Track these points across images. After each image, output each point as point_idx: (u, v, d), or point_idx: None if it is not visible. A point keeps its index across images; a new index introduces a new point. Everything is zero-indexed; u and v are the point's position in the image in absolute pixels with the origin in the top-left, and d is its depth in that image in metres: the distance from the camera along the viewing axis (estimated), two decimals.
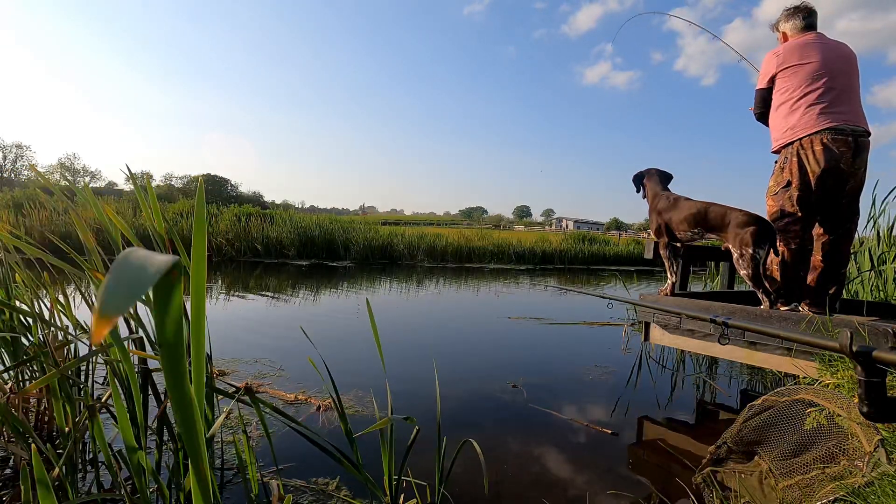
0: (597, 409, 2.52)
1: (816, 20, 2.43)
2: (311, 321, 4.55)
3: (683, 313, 2.24)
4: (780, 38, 2.52)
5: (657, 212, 2.70)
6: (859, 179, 2.28)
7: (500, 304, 6.23)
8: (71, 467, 1.21)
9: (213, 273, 8.31)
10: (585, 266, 14.30)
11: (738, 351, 2.28)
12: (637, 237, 24.04)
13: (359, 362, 3.12)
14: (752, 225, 2.24)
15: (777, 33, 2.54)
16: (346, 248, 12.15)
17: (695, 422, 2.46)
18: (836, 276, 2.39)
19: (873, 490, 1.12)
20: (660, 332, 2.65)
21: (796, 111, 2.29)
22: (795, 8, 2.44)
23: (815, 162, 2.23)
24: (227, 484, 1.57)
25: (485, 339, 4.21)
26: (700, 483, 1.59)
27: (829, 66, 2.26)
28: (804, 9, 2.42)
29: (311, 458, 1.74)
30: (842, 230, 2.36)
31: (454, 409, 2.37)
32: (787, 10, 2.47)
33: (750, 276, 2.24)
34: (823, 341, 0.99)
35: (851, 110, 2.24)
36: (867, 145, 2.26)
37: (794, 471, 1.34)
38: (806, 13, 2.42)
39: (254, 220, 12.15)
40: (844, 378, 1.64)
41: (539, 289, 8.48)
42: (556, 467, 1.84)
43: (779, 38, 2.53)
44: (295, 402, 2.33)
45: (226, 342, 3.36)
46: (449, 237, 13.61)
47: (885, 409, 0.84)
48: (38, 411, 1.64)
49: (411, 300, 6.18)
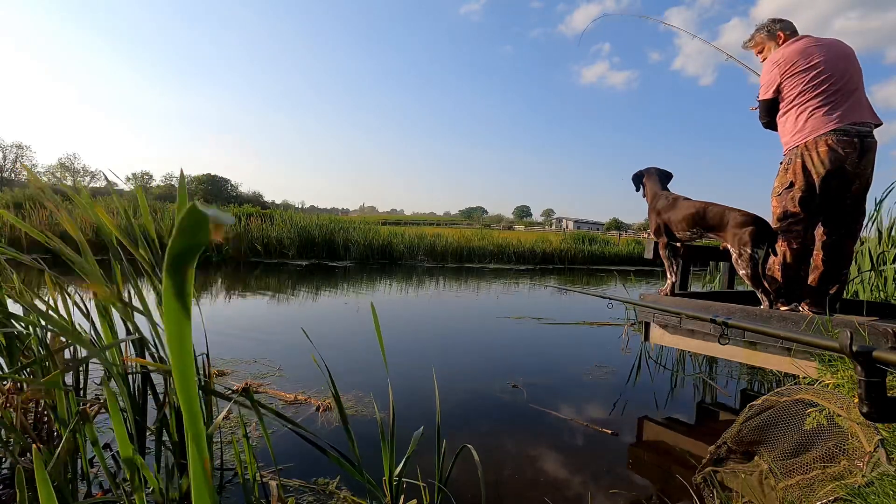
0: (597, 409, 2.52)
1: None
2: (311, 321, 4.55)
3: (683, 313, 2.24)
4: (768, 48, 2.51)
5: (656, 211, 2.70)
6: (865, 180, 2.28)
7: (500, 303, 6.23)
8: (66, 469, 1.21)
9: (212, 273, 8.31)
10: (585, 266, 14.31)
11: (738, 351, 2.28)
12: (637, 237, 24.04)
13: (358, 362, 3.12)
14: (751, 225, 2.24)
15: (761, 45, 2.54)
16: (346, 248, 12.15)
17: (695, 422, 2.46)
18: (838, 276, 2.39)
19: (873, 490, 1.11)
20: (660, 332, 2.65)
21: (803, 114, 2.29)
22: (773, 20, 2.50)
23: (820, 163, 2.23)
24: (226, 484, 1.57)
25: (485, 338, 4.21)
26: (700, 483, 1.59)
27: (831, 65, 2.26)
28: (781, 20, 2.49)
29: (311, 458, 1.74)
30: (845, 230, 2.36)
31: (454, 408, 2.37)
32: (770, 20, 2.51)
33: (749, 276, 2.24)
34: (823, 341, 0.99)
35: (857, 109, 2.24)
36: (873, 145, 2.26)
37: (795, 471, 1.34)
38: (787, 23, 2.48)
39: (254, 220, 12.15)
40: (844, 378, 1.64)
41: (539, 289, 8.48)
42: (556, 467, 1.84)
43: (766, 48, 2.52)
44: (295, 402, 2.33)
45: (225, 342, 3.36)
46: (449, 237, 13.62)
47: (885, 409, 0.84)
48: (37, 412, 1.64)
49: (411, 300, 6.18)
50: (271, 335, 3.79)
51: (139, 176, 58.37)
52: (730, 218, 2.32)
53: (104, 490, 1.45)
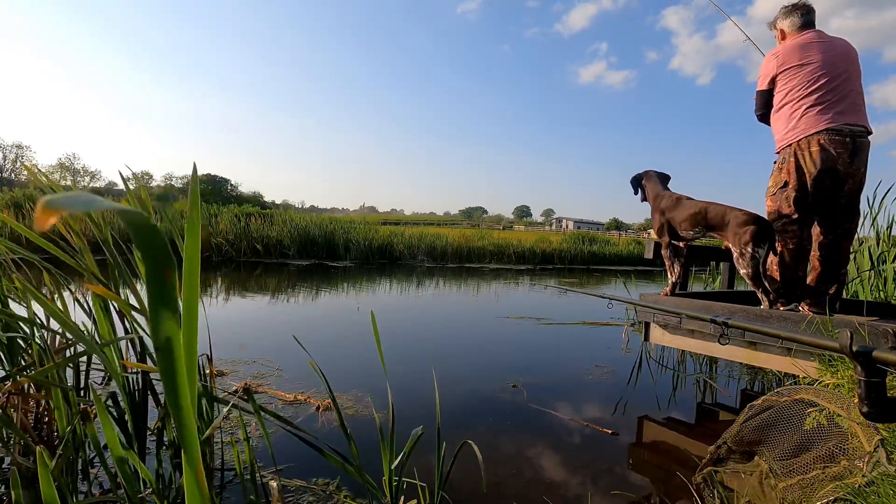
0: (597, 409, 2.52)
1: (814, 17, 2.41)
2: (311, 321, 4.55)
3: (683, 313, 2.24)
4: (777, 36, 2.51)
5: (660, 210, 2.69)
6: (858, 180, 2.28)
7: (500, 303, 6.23)
8: (67, 470, 1.21)
9: (212, 273, 8.30)
10: (585, 266, 14.30)
11: (738, 351, 2.28)
12: (637, 237, 24.04)
13: (358, 362, 3.12)
14: (752, 224, 2.24)
15: (775, 31, 2.53)
16: (347, 248, 12.16)
17: (695, 422, 2.46)
18: (836, 277, 2.39)
19: (873, 490, 1.11)
20: (660, 332, 2.65)
21: (796, 112, 2.28)
22: (794, 5, 2.42)
23: (812, 163, 2.23)
24: (227, 485, 1.57)
25: (485, 338, 4.20)
26: (700, 483, 1.59)
27: (829, 65, 2.25)
28: (802, 6, 2.40)
29: (311, 458, 1.74)
30: (841, 230, 2.36)
31: (454, 409, 2.37)
32: (784, 8, 2.45)
33: (750, 275, 2.24)
34: (823, 341, 0.99)
35: (851, 110, 2.24)
36: (866, 145, 2.26)
37: (795, 471, 1.34)
38: (804, 10, 2.39)
39: (254, 220, 12.15)
40: (844, 378, 1.64)
41: (539, 289, 8.48)
42: (557, 467, 1.84)
43: (776, 36, 2.52)
44: (294, 402, 2.33)
45: (225, 342, 3.36)
46: (449, 237, 13.62)
47: (885, 409, 0.84)
48: (38, 412, 1.64)
49: (411, 300, 6.18)
50: (271, 335, 3.79)
51: (139, 176, 58.38)
52: (731, 217, 2.32)
53: (104, 490, 1.45)
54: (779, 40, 2.49)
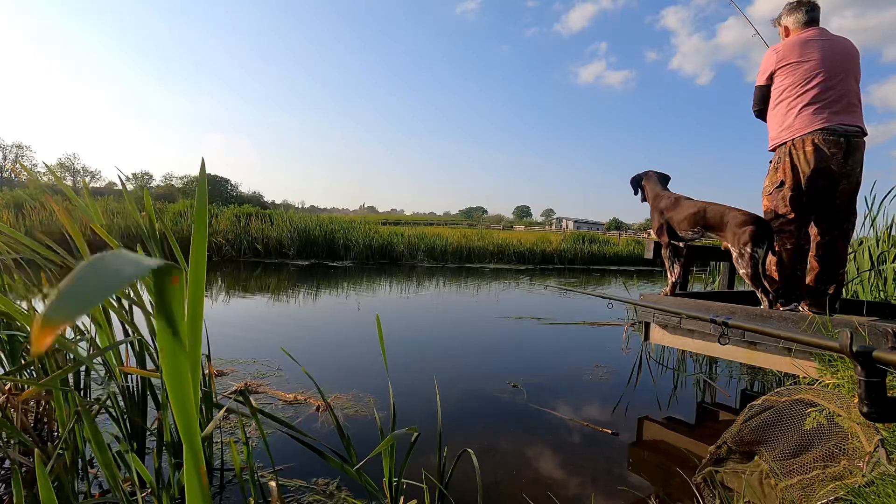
0: (597, 408, 2.52)
1: (819, 15, 2.40)
2: (311, 321, 4.55)
3: (683, 313, 2.24)
4: (781, 33, 2.51)
5: (659, 211, 2.70)
6: (853, 180, 2.27)
7: (500, 304, 6.22)
8: (66, 470, 1.21)
9: (212, 273, 8.30)
10: (585, 266, 14.31)
11: (738, 351, 2.28)
12: (637, 237, 24.01)
13: (358, 362, 3.12)
14: (751, 224, 2.24)
15: (779, 27, 2.52)
16: (347, 248, 12.16)
17: (695, 422, 2.46)
18: (834, 276, 2.39)
19: (873, 490, 1.11)
20: (660, 332, 2.65)
21: (792, 110, 2.28)
22: (798, 2, 2.40)
23: (806, 162, 2.23)
24: (226, 485, 1.57)
25: (484, 338, 4.20)
26: (700, 483, 1.59)
27: (828, 63, 2.24)
28: (807, 3, 2.38)
29: (311, 459, 1.74)
30: (837, 231, 2.36)
31: (454, 408, 2.37)
32: (789, 4, 2.44)
33: (749, 275, 2.24)
34: (823, 341, 0.99)
35: (846, 110, 2.23)
36: (861, 146, 2.25)
37: (795, 471, 1.34)
38: (808, 7, 2.38)
39: (254, 221, 12.15)
40: (844, 378, 1.64)
41: (539, 289, 8.48)
42: (556, 467, 1.84)
43: (780, 33, 2.52)
44: (294, 402, 2.33)
45: (225, 342, 3.36)
46: (449, 237, 13.62)
47: (885, 409, 0.84)
48: (38, 412, 1.64)
49: (411, 300, 6.18)
50: (271, 335, 3.79)
51: (139, 176, 58.34)
52: (730, 217, 2.32)
53: (104, 490, 1.45)
54: (783, 37, 2.48)
